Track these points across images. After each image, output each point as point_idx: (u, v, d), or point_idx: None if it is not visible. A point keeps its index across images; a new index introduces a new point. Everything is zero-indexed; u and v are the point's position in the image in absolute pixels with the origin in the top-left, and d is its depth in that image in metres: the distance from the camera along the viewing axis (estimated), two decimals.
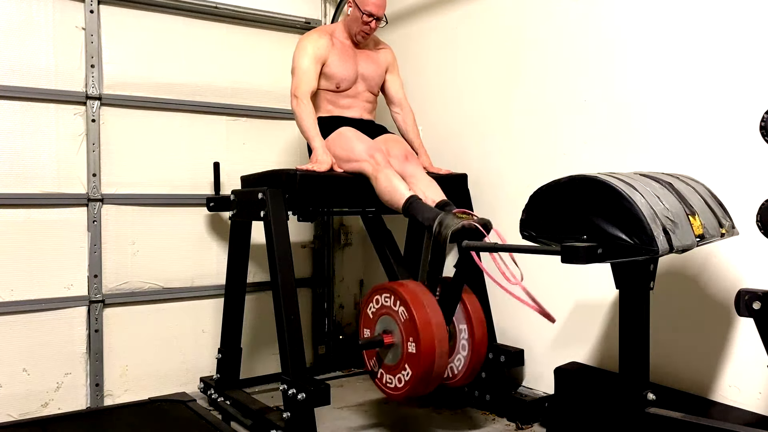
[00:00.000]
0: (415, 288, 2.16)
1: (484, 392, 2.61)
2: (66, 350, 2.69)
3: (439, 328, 2.08)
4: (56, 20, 2.67)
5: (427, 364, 2.06)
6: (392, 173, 2.37)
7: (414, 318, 2.06)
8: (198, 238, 3.01)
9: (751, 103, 1.93)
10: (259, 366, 3.11)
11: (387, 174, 2.36)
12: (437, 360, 2.07)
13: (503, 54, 2.74)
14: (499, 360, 2.58)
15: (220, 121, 3.09)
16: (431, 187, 2.42)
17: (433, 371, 2.08)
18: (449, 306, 2.24)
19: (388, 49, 2.87)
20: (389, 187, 2.33)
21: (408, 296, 2.11)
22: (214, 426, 2.33)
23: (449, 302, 2.24)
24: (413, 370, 2.08)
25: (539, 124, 2.58)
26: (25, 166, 2.61)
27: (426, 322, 2.06)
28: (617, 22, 2.30)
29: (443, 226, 2.09)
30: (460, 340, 2.36)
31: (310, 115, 2.55)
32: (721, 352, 2.03)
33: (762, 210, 1.47)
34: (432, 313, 2.09)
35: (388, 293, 2.19)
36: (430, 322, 2.07)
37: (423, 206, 2.23)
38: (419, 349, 2.05)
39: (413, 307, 2.07)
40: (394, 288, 2.17)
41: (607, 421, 1.96)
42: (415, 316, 2.06)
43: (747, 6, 1.94)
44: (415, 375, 2.07)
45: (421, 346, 2.04)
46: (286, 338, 2.21)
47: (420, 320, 2.06)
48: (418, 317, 2.06)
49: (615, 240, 1.49)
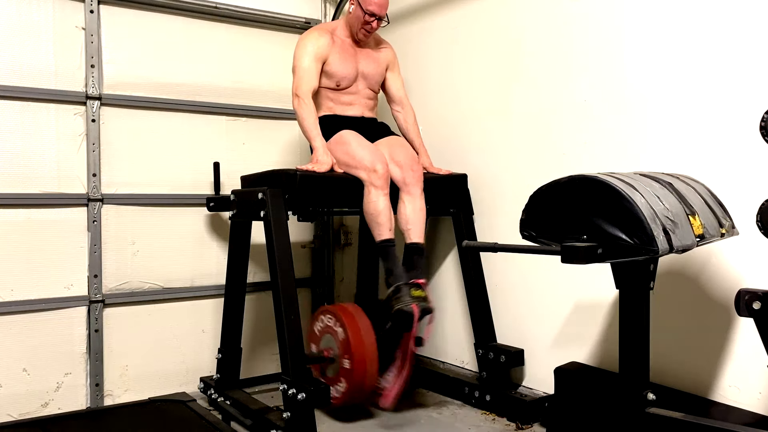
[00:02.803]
0: (353, 311, 2.53)
1: (484, 392, 2.61)
2: (66, 350, 2.69)
3: (369, 347, 2.46)
4: (56, 20, 2.67)
5: (359, 379, 2.44)
6: (383, 199, 2.42)
7: (348, 339, 2.45)
8: (198, 238, 3.01)
9: (751, 103, 1.93)
10: (259, 366, 3.11)
11: (378, 196, 2.41)
12: (367, 375, 2.45)
13: (503, 54, 2.74)
14: (499, 360, 2.58)
15: (220, 121, 3.09)
16: (416, 221, 2.49)
17: (365, 384, 2.47)
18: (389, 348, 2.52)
19: (388, 48, 2.87)
20: (374, 213, 2.42)
21: (345, 319, 2.49)
22: (214, 426, 2.33)
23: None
24: (347, 382, 2.47)
25: (539, 124, 2.58)
26: (25, 166, 2.61)
27: (359, 343, 2.45)
28: (617, 21, 2.30)
29: (395, 297, 2.33)
30: None
31: (312, 115, 2.55)
32: (721, 352, 2.03)
33: (762, 210, 1.47)
34: (365, 335, 2.47)
35: (331, 315, 2.57)
36: (363, 343, 2.45)
37: (392, 258, 2.41)
38: (352, 366, 2.44)
39: (349, 329, 2.47)
40: (335, 311, 2.56)
41: (607, 421, 1.96)
42: (350, 337, 2.45)
43: (747, 6, 1.94)
44: (349, 387, 2.47)
45: (354, 363, 2.43)
46: (286, 338, 2.22)
47: (353, 341, 2.45)
48: (353, 338, 2.45)
49: (615, 240, 1.49)
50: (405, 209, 2.49)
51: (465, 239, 2.73)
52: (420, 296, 2.34)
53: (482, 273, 2.76)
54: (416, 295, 2.33)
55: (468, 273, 2.76)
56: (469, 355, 2.88)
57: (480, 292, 2.74)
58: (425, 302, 2.34)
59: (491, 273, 2.76)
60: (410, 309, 2.28)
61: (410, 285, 2.35)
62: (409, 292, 2.33)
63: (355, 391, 2.48)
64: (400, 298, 2.32)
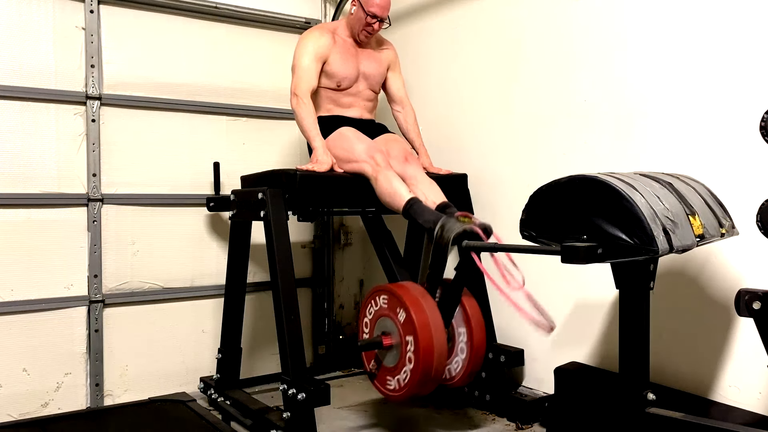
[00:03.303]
0: (413, 290, 2.15)
1: (484, 392, 2.61)
2: (66, 350, 2.69)
3: (437, 330, 2.07)
4: (56, 20, 2.67)
5: (426, 367, 2.06)
6: (392, 175, 2.36)
7: (413, 320, 2.06)
8: (198, 238, 3.01)
9: (751, 103, 1.93)
10: (259, 366, 3.11)
11: (387, 175, 2.36)
12: (435, 362, 2.07)
13: (503, 54, 2.74)
14: (499, 360, 2.58)
15: (220, 121, 3.09)
16: (432, 189, 2.42)
17: (432, 373, 2.08)
18: (449, 308, 2.24)
19: (390, 48, 2.86)
20: (389, 188, 2.32)
21: (406, 298, 2.10)
22: (214, 426, 2.33)
23: (449, 305, 2.24)
24: (412, 372, 2.08)
25: (539, 123, 2.58)
26: (25, 166, 2.61)
27: (424, 324, 2.06)
28: (617, 21, 2.30)
29: (445, 229, 2.09)
30: (459, 342, 2.35)
31: (310, 114, 2.55)
32: (721, 352, 2.03)
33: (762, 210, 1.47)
34: (430, 316, 2.08)
35: (387, 295, 2.18)
36: (429, 324, 2.06)
37: (424, 209, 2.23)
38: (418, 352, 2.05)
39: (412, 309, 2.07)
40: (392, 290, 2.16)
41: (607, 421, 1.96)
42: (414, 318, 2.06)
43: (747, 6, 1.94)
44: (413, 377, 2.07)
45: (420, 348, 2.04)
46: (286, 338, 2.21)
47: (418, 323, 2.05)
48: (417, 319, 2.06)
49: (615, 240, 1.49)
50: (416, 190, 2.39)
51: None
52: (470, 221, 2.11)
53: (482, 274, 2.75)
54: (466, 221, 2.11)
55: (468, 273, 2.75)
56: None
57: (480, 292, 2.73)
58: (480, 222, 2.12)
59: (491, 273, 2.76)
60: (469, 227, 2.06)
61: (456, 217, 2.13)
62: (456, 220, 2.11)
63: (421, 381, 2.09)
64: (451, 229, 2.07)
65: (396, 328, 2.13)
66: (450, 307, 2.25)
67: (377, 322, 2.23)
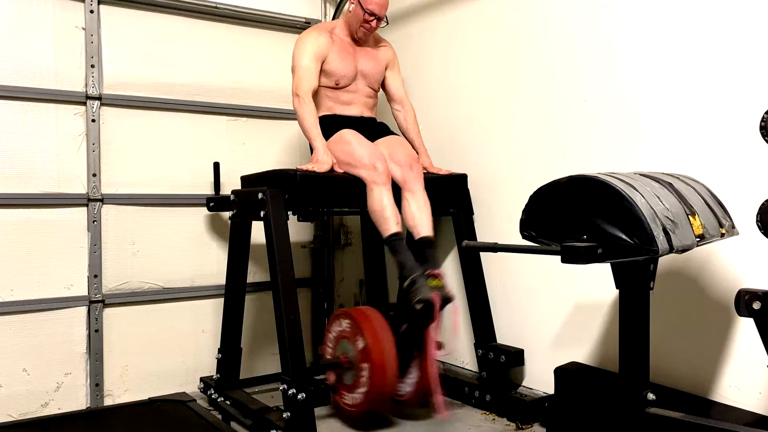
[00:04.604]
0: (375, 321, 2.40)
1: (484, 392, 2.61)
2: (66, 350, 2.69)
3: (390, 354, 2.34)
4: (56, 20, 2.67)
5: (378, 390, 2.34)
6: (387, 194, 2.39)
7: (369, 351, 2.34)
8: (198, 238, 3.01)
9: (751, 103, 1.93)
10: (259, 366, 3.11)
11: (381, 192, 2.39)
12: (388, 382, 2.36)
13: (503, 54, 2.74)
14: (499, 360, 2.58)
15: (220, 121, 3.09)
16: (422, 213, 2.45)
17: (384, 392, 2.38)
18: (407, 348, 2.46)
19: (388, 46, 2.87)
20: (379, 208, 2.39)
21: (366, 329, 2.37)
22: (214, 426, 2.33)
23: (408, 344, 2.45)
24: (365, 394, 2.37)
25: (539, 123, 2.58)
26: (25, 166, 2.61)
27: (379, 350, 2.34)
28: (617, 21, 2.30)
29: (413, 288, 2.26)
30: None
31: (312, 114, 2.55)
32: (721, 352, 2.03)
33: (762, 210, 1.47)
34: (386, 348, 2.35)
35: (350, 321, 2.44)
36: (383, 350, 2.34)
37: (403, 249, 2.34)
38: (371, 378, 2.33)
39: (369, 340, 2.35)
40: (355, 317, 2.43)
41: (607, 421, 1.95)
42: (370, 349, 2.34)
43: (747, 6, 1.94)
44: (366, 397, 2.37)
45: (374, 375, 2.32)
46: (286, 338, 2.21)
47: (374, 353, 2.33)
48: (373, 351, 2.33)
49: (615, 240, 1.49)
50: (409, 206, 2.46)
51: (465, 239, 2.73)
52: (438, 285, 2.27)
53: (482, 273, 2.76)
54: (434, 285, 2.26)
55: (468, 273, 2.76)
56: (469, 355, 2.88)
57: (480, 292, 2.74)
58: (444, 291, 2.27)
59: (491, 273, 2.76)
60: (430, 297, 2.21)
61: (426, 276, 2.28)
62: (427, 282, 2.26)
63: (374, 399, 2.39)
64: (418, 290, 2.24)
65: (355, 353, 2.40)
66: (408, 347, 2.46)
67: (340, 342, 2.49)
